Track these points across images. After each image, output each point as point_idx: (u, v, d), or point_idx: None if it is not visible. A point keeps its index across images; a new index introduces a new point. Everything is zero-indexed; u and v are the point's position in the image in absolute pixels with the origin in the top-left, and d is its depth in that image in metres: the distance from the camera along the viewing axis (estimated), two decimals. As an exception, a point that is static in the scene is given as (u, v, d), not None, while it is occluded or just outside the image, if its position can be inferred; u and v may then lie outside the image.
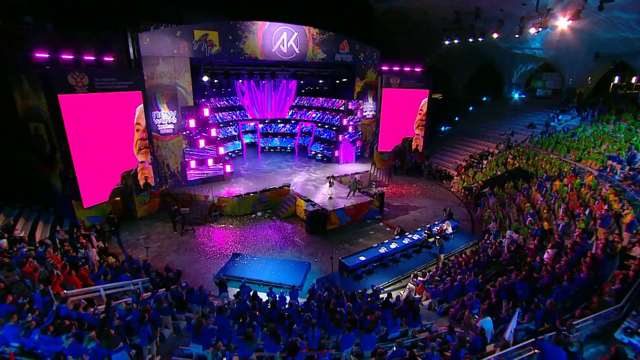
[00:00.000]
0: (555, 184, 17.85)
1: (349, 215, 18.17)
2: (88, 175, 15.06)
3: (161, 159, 19.22)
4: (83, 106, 14.34)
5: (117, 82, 15.55)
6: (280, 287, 12.46)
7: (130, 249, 15.44)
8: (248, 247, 15.89)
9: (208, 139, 20.84)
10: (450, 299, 10.54)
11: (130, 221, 18.15)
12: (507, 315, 7.95)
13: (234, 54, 20.02)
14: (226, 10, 29.76)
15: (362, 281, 12.71)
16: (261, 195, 19.51)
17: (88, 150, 14.88)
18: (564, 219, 13.80)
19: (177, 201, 19.21)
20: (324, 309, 8.86)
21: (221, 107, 27.60)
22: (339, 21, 27.98)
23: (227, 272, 13.33)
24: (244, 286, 11.07)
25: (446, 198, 22.98)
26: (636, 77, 34.66)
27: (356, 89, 25.68)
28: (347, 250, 15.67)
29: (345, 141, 26.00)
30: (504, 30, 24.08)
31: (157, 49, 17.62)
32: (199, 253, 15.24)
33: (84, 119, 14.45)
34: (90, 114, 14.71)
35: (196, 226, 17.50)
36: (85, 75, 14.08)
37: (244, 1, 32.98)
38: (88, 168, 15.01)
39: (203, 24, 19.02)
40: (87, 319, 6.89)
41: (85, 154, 14.76)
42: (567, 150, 22.02)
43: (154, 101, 18.18)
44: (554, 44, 25.30)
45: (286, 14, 22.42)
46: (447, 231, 15.78)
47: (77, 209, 15.26)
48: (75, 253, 12.23)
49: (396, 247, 14.23)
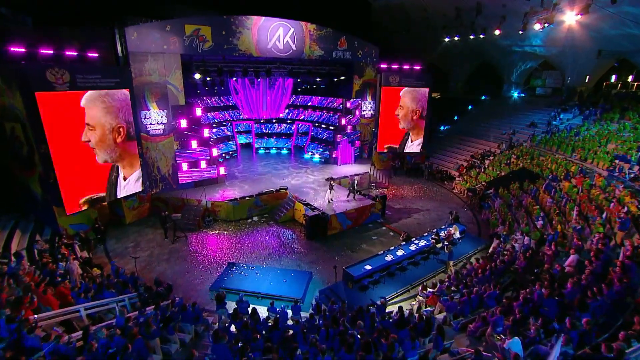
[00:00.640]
0: (564, 185, 17.19)
1: (350, 219, 17.30)
2: (71, 179, 13.92)
3: (151, 162, 18.14)
4: (64, 105, 13.21)
5: (102, 80, 14.43)
6: (281, 300, 11.54)
7: (117, 259, 14.38)
8: (244, 255, 14.92)
9: (200, 140, 19.81)
10: (467, 313, 9.72)
11: (118, 228, 17.07)
12: (538, 335, 7.13)
13: (227, 50, 19.01)
14: (219, 4, 28.68)
15: (369, 292, 11.84)
16: (257, 198, 18.54)
17: (71, 153, 13.74)
18: (578, 222, 13.08)
19: (168, 206, 18.16)
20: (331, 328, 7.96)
21: (214, 106, 26.57)
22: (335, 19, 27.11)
23: (222, 283, 12.35)
24: (241, 301, 10.14)
25: (449, 200, 22.24)
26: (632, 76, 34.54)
27: (354, 87, 24.83)
28: (349, 257, 14.79)
29: (343, 141, 25.15)
30: (506, 27, 23.45)
31: (146, 44, 16.55)
32: (192, 262, 14.22)
33: (65, 119, 13.33)
34: (73, 114, 13.59)
35: (189, 233, 16.47)
36: (65, 71, 12.95)
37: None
38: (71, 171, 13.87)
39: (195, 19, 18.01)
40: (60, 351, 5.89)
41: (67, 157, 13.63)
42: (572, 150, 21.45)
43: (142, 100, 17.11)
44: (556, 41, 24.74)
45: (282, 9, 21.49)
46: (454, 236, 14.99)
47: (59, 216, 14.12)
48: (55, 265, 11.18)
49: (403, 254, 13.38)
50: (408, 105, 25.76)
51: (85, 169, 14.46)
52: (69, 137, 13.62)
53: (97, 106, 14.32)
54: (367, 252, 15.09)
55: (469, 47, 31.23)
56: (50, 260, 11.54)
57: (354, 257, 14.66)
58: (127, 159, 16.21)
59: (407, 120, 26.09)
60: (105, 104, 14.59)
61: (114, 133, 15.21)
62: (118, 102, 15.13)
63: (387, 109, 25.67)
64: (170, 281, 12.64)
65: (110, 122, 14.96)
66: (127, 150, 16.07)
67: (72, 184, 14.04)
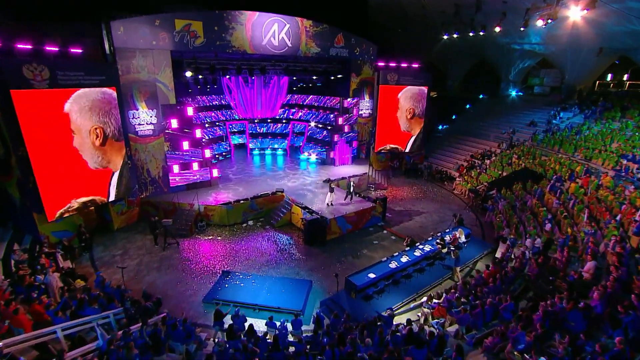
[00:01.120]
0: (570, 186, 16.67)
1: (350, 223, 16.57)
2: (53, 183, 12.98)
3: (140, 164, 17.22)
4: (45, 104, 12.27)
5: (86, 77, 13.50)
6: (279, 312, 10.78)
7: (104, 268, 13.45)
8: (239, 262, 14.10)
9: (192, 141, 18.92)
10: (480, 325, 9.05)
11: (106, 234, 16.11)
12: (567, 354, 6.47)
13: (220, 46, 18.15)
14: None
15: (373, 302, 11.12)
16: (252, 202, 17.72)
17: (52, 155, 12.79)
18: (592, 225, 12.51)
19: (159, 210, 17.25)
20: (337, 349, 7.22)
21: (207, 105, 25.64)
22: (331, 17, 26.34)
23: (216, 294, 11.54)
24: (237, 316, 9.33)
25: (450, 201, 21.64)
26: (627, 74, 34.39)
27: (352, 85, 24.11)
28: (350, 263, 14.07)
29: (341, 141, 24.42)
30: (506, 24, 22.94)
31: (133, 39, 15.64)
32: (184, 271, 13.36)
33: (46, 119, 12.38)
34: (55, 114, 12.64)
35: (180, 239, 15.60)
36: (45, 67, 12.00)
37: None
38: (52, 175, 12.92)
39: (185, 13, 17.14)
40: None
41: (48, 160, 12.68)
42: (575, 149, 21.01)
43: (130, 99, 16.18)
44: (557, 39, 24.28)
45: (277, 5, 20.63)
46: (460, 240, 14.35)
47: (39, 223, 13.15)
48: (33, 278, 10.28)
49: (407, 260, 12.69)
50: (404, 105, 25.21)
51: (72, 173, 13.52)
52: (51, 139, 12.67)
53: (73, 108, 13.29)
54: (369, 258, 14.40)
55: (467, 45, 30.72)
56: (28, 273, 10.66)
57: (355, 264, 13.95)
58: (114, 162, 15.30)
59: (405, 121, 25.54)
60: (80, 104, 13.53)
61: (92, 136, 14.20)
62: (97, 102, 14.13)
63: (385, 108, 25.01)
64: (161, 292, 11.83)
65: (87, 124, 13.93)
66: (112, 154, 15.12)
67: (55, 189, 13.09)
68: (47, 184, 12.80)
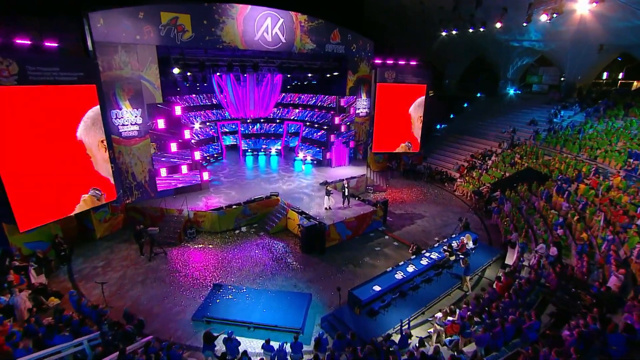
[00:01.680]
0: (579, 187, 15.95)
1: (350, 229, 15.62)
2: (24, 190, 11.75)
3: (124, 167, 16.03)
4: (12, 103, 11.06)
5: (61, 73, 12.30)
6: (277, 330, 9.79)
7: (83, 282, 12.33)
8: (232, 273, 13.04)
9: (181, 142, 17.78)
10: (501, 345, 8.17)
11: (87, 243, 14.94)
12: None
13: (209, 42, 17.05)
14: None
15: (379, 318, 10.17)
16: (245, 207, 16.66)
17: (24, 160, 11.57)
18: (611, 230, 11.74)
19: (145, 217, 16.11)
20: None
21: (196, 105, 24.41)
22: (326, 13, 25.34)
23: (207, 311, 10.48)
24: (230, 340, 8.31)
25: (452, 203, 20.82)
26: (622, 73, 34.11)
27: (348, 84, 23.18)
28: (352, 273, 13.11)
29: (337, 142, 23.45)
30: (506, 20, 22.25)
31: (115, 33, 14.47)
32: (172, 284, 12.26)
33: (15, 120, 11.17)
34: (25, 114, 11.43)
35: (168, 248, 14.48)
36: (12, 61, 10.79)
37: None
38: (24, 182, 11.70)
39: (172, 5, 15.97)
40: None
41: (19, 165, 11.47)
42: (579, 148, 20.38)
43: (112, 97, 14.99)
44: (558, 35, 23.66)
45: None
46: (468, 246, 13.49)
47: (10, 234, 11.94)
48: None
49: (414, 270, 11.78)
50: (414, 116, 24.34)
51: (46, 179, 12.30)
52: (22, 142, 11.45)
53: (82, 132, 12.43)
54: (371, 266, 13.47)
55: (465, 42, 30.05)
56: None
57: (357, 273, 13.01)
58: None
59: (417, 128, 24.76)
60: (87, 124, 12.61)
61: (101, 149, 13.39)
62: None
63: (383, 107, 24.09)
64: (146, 310, 10.77)
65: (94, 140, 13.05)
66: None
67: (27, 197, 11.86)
68: (19, 190, 11.57)
